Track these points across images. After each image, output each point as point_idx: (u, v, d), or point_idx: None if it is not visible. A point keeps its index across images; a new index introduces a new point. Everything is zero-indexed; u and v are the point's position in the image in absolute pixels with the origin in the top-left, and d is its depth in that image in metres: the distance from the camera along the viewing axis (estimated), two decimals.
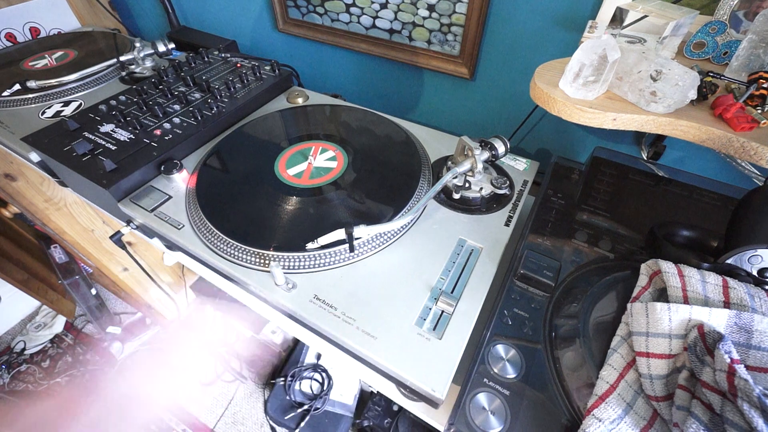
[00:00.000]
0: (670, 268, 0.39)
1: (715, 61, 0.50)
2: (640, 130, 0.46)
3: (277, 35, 0.97)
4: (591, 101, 0.46)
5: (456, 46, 0.73)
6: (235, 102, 0.71)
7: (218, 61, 0.83)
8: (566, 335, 0.42)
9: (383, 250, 0.50)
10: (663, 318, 0.35)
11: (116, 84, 0.82)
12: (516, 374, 0.40)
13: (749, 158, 0.41)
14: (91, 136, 0.62)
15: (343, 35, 0.85)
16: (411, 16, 0.74)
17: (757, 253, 0.39)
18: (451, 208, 0.55)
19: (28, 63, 0.84)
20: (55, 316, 1.59)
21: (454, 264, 0.48)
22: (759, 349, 0.32)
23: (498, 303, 0.46)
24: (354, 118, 0.71)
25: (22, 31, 1.00)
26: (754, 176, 0.57)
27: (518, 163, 0.63)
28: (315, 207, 0.54)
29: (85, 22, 1.11)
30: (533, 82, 0.50)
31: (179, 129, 0.64)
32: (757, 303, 0.35)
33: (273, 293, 0.45)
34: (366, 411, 1.14)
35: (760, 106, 0.43)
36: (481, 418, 0.37)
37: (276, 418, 1.17)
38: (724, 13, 0.48)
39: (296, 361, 1.28)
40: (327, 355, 0.64)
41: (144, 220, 0.55)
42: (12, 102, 0.74)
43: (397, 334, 0.41)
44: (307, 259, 0.47)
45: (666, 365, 0.34)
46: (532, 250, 0.51)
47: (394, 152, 0.63)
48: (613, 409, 0.33)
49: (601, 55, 0.43)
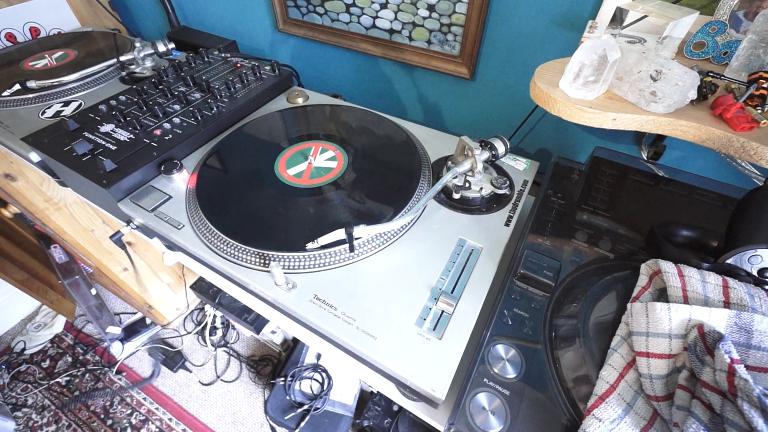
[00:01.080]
0: (670, 268, 0.39)
1: (715, 61, 0.50)
2: (640, 130, 0.46)
3: (277, 35, 0.97)
4: (591, 101, 0.46)
5: (456, 46, 0.73)
6: (235, 102, 0.71)
7: (218, 61, 0.83)
8: (566, 335, 0.42)
9: (383, 250, 0.50)
10: (663, 318, 0.35)
11: (116, 84, 0.82)
12: (516, 374, 0.40)
13: (749, 158, 0.41)
14: (91, 136, 0.62)
15: (343, 35, 0.85)
16: (411, 16, 0.74)
17: (757, 253, 0.39)
18: (451, 208, 0.55)
19: (28, 63, 0.84)
20: (55, 316, 1.59)
21: (454, 264, 0.48)
22: (759, 349, 0.32)
23: (498, 303, 0.46)
24: (354, 118, 0.71)
25: (22, 31, 1.00)
26: (754, 176, 0.57)
27: (518, 163, 0.63)
28: (315, 207, 0.54)
29: (85, 22, 1.11)
30: (533, 82, 0.50)
31: (179, 129, 0.64)
32: (757, 303, 0.35)
33: (273, 293, 0.45)
34: (366, 411, 1.14)
35: (760, 106, 0.43)
36: (481, 418, 0.37)
37: (276, 418, 1.17)
38: (724, 13, 0.48)
39: (296, 361, 1.28)
40: (327, 355, 0.64)
41: (144, 220, 0.55)
42: (12, 102, 0.74)
43: (397, 334, 0.41)
44: (307, 259, 0.47)
45: (666, 365, 0.34)
46: (532, 250, 0.51)
47: (394, 152, 0.63)
48: (613, 409, 0.33)
49: (601, 55, 0.43)
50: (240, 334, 1.53)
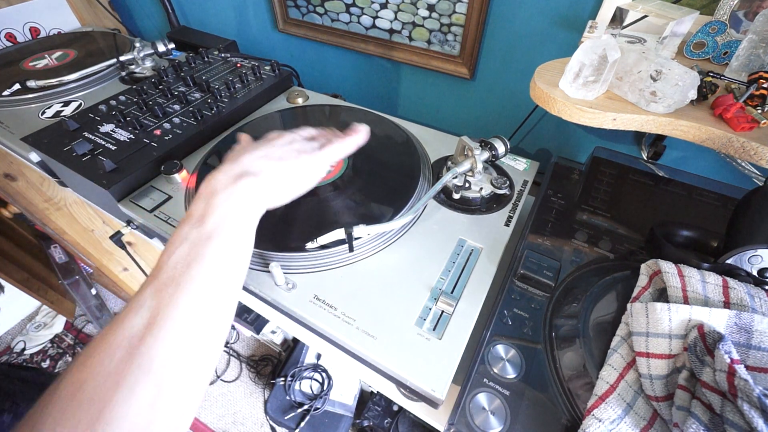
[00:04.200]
0: (670, 268, 0.38)
1: (715, 61, 0.50)
2: (640, 130, 0.46)
3: (277, 35, 0.97)
4: (591, 101, 0.46)
5: (456, 46, 0.73)
6: (235, 102, 0.71)
7: (218, 61, 0.83)
8: (566, 335, 0.42)
9: (383, 250, 0.50)
10: (663, 318, 0.35)
11: (116, 84, 0.82)
12: (516, 374, 0.40)
13: (749, 158, 0.41)
14: (91, 136, 0.62)
15: (343, 35, 0.85)
16: (411, 16, 0.74)
17: (757, 253, 0.39)
18: (451, 208, 0.55)
19: (28, 63, 0.84)
20: (55, 316, 1.59)
21: (454, 264, 0.48)
22: (759, 349, 0.32)
23: (498, 303, 0.46)
24: (354, 118, 0.71)
25: (22, 31, 1.00)
26: (754, 176, 0.57)
27: (518, 163, 0.63)
28: (315, 207, 0.54)
29: (85, 22, 1.11)
30: (533, 82, 0.50)
31: (179, 129, 0.64)
32: (757, 303, 0.35)
33: (273, 293, 0.45)
34: (366, 411, 1.14)
35: (760, 106, 0.43)
36: (481, 418, 0.37)
37: (276, 418, 1.17)
38: (724, 13, 0.48)
39: (296, 361, 1.28)
40: (327, 355, 0.64)
41: (144, 220, 0.55)
42: (12, 102, 0.74)
43: (397, 334, 0.41)
44: (307, 259, 0.47)
45: (666, 365, 0.34)
46: (532, 250, 0.51)
47: (394, 152, 0.63)
48: (613, 409, 0.33)
49: (601, 55, 0.43)
50: (240, 334, 1.53)
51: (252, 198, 0.38)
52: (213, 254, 0.33)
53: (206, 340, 0.32)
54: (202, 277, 0.32)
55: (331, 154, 0.45)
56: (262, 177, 0.39)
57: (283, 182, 0.41)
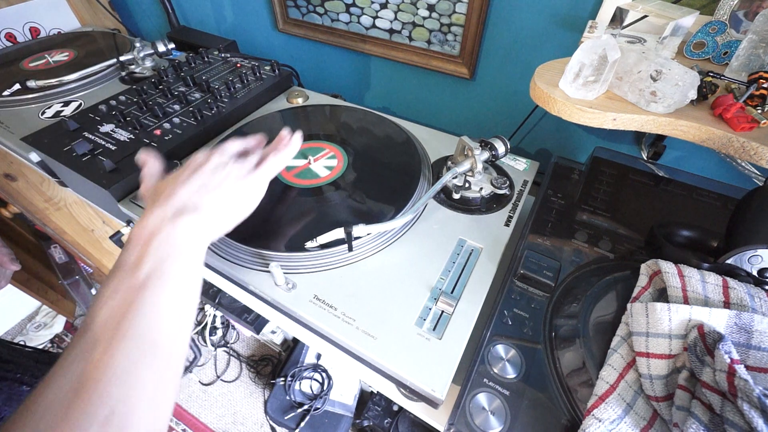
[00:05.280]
0: (670, 268, 0.38)
1: (715, 61, 0.50)
2: (640, 130, 0.46)
3: (277, 35, 0.97)
4: (591, 101, 0.46)
5: (456, 46, 0.73)
6: (235, 102, 0.71)
7: (218, 61, 0.83)
8: (566, 335, 0.42)
9: (383, 250, 0.50)
10: (663, 318, 0.35)
11: (116, 84, 0.82)
12: (516, 374, 0.40)
13: (749, 158, 0.41)
14: (91, 136, 0.62)
15: (343, 35, 0.85)
16: (411, 16, 0.74)
17: (757, 253, 0.39)
18: (451, 208, 0.55)
19: (28, 63, 0.85)
20: (55, 316, 1.59)
21: (454, 264, 0.48)
22: (759, 350, 0.32)
23: (498, 303, 0.46)
24: (354, 118, 0.71)
25: (22, 31, 1.00)
26: (754, 176, 0.57)
27: (518, 163, 0.63)
28: (315, 207, 0.54)
29: (85, 22, 1.11)
30: (533, 82, 0.50)
31: (179, 129, 0.64)
32: (757, 303, 0.35)
33: (273, 293, 0.45)
34: (366, 411, 1.14)
35: (760, 106, 0.43)
36: (481, 418, 0.37)
37: (276, 418, 1.17)
38: (724, 13, 0.48)
39: (296, 361, 1.28)
40: (327, 355, 0.64)
41: None
42: (12, 102, 0.74)
43: (397, 334, 0.41)
44: (307, 259, 0.47)
45: (666, 365, 0.34)
46: (532, 250, 0.51)
47: (394, 152, 0.63)
48: (613, 409, 0.33)
49: (601, 55, 0.43)
50: (240, 334, 1.53)
51: (194, 235, 0.35)
52: (149, 304, 0.30)
53: (144, 402, 0.28)
54: (135, 331, 0.29)
55: (268, 172, 0.44)
56: (202, 211, 0.36)
57: (225, 212, 0.39)
